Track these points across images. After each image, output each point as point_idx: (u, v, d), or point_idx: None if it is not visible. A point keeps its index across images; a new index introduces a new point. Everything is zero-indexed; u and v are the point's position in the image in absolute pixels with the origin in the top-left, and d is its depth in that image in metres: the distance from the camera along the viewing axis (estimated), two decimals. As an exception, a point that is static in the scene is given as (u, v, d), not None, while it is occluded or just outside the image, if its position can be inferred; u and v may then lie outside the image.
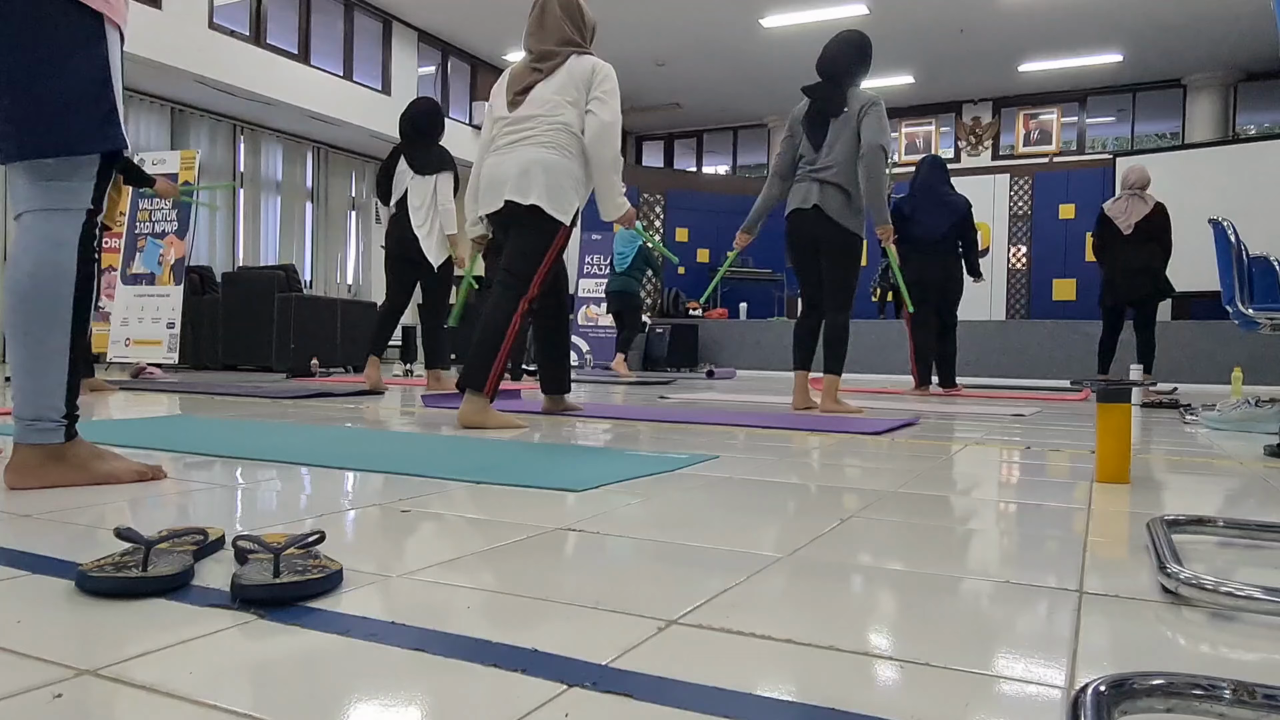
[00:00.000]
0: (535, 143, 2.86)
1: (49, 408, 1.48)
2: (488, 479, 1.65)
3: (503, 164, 2.91)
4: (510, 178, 2.86)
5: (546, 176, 2.84)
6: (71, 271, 1.47)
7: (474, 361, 2.78)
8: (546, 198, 2.83)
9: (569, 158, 2.88)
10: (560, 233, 2.88)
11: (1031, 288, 11.11)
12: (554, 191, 2.85)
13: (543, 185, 2.83)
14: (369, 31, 10.73)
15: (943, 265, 5.34)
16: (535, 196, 2.83)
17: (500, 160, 2.92)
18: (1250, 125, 12.14)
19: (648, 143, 15.81)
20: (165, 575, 0.87)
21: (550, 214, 2.84)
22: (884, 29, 10.65)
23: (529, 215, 2.86)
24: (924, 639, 0.79)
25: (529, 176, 2.84)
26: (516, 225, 2.90)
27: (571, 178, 2.88)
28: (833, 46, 3.94)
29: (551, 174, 2.84)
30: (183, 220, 7.39)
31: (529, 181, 2.84)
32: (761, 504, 1.47)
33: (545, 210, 2.84)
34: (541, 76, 2.93)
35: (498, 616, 0.83)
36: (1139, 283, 5.60)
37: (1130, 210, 5.60)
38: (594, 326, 10.06)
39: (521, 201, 2.84)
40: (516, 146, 2.89)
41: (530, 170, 2.84)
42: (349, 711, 0.61)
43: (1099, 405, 1.80)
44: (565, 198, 2.87)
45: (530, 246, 2.87)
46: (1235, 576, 0.97)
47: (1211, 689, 0.60)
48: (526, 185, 2.84)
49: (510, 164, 2.88)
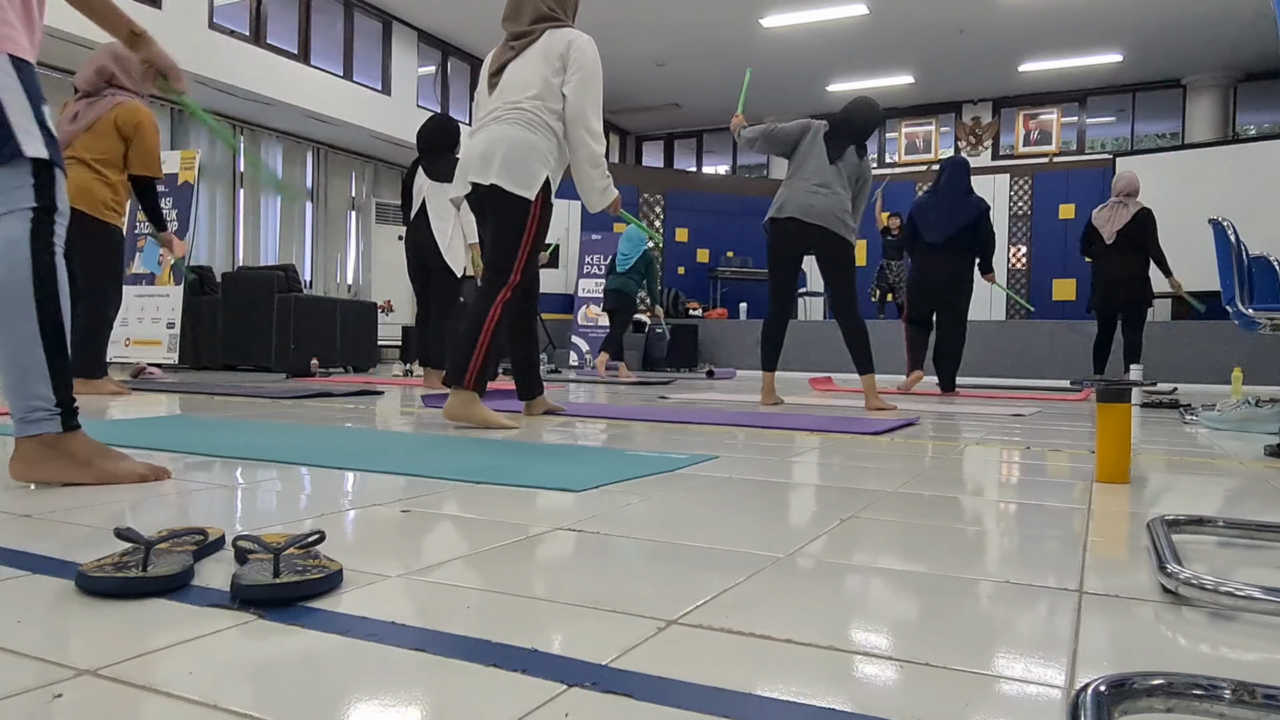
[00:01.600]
0: (501, 121, 2.82)
1: (38, 398, 1.51)
2: (487, 479, 1.65)
3: (471, 146, 2.89)
4: (474, 159, 2.83)
5: (506, 151, 2.77)
6: (26, 262, 1.50)
7: (456, 358, 2.75)
8: (505, 174, 2.77)
9: (535, 132, 2.81)
10: (530, 210, 2.80)
11: (1031, 288, 11.11)
12: (512, 166, 2.77)
13: (500, 161, 2.77)
14: (369, 31, 10.73)
15: (949, 267, 5.33)
16: (495, 174, 2.78)
17: (470, 143, 2.90)
18: (1250, 125, 12.14)
19: (648, 143, 15.81)
20: (165, 575, 0.87)
21: (511, 191, 2.77)
22: (884, 29, 10.66)
23: (493, 196, 2.81)
24: (924, 639, 0.79)
25: (489, 155, 2.80)
26: (490, 210, 2.85)
27: (535, 151, 2.80)
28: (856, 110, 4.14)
29: (512, 149, 2.78)
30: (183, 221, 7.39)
31: (490, 159, 2.79)
32: (761, 504, 1.47)
33: (505, 188, 2.77)
34: (514, 55, 2.89)
35: (498, 616, 0.83)
36: (1122, 290, 5.64)
37: (1114, 218, 5.64)
38: (594, 326, 10.06)
39: (483, 182, 2.80)
40: (485, 127, 2.86)
41: (492, 148, 2.79)
42: (349, 711, 0.61)
43: (1099, 405, 1.80)
44: (526, 170, 2.78)
45: (503, 232, 2.81)
46: (1235, 576, 0.97)
47: (1211, 689, 0.60)
48: (486, 165, 2.80)
49: (476, 145, 2.85)
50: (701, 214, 12.29)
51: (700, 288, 12.13)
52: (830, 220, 3.95)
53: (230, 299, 7.65)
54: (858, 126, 4.10)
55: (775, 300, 4.14)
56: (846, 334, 3.99)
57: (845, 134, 4.07)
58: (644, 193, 12.11)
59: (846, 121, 4.09)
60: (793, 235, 4.01)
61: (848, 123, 4.09)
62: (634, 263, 7.35)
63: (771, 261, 4.13)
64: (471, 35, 11.49)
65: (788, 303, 4.18)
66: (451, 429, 2.69)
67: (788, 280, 4.14)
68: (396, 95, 10.95)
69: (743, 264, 12.01)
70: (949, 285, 5.34)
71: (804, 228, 3.97)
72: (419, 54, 11.39)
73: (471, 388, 2.72)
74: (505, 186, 2.77)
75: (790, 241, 4.04)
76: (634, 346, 9.47)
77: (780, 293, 4.14)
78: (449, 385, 2.76)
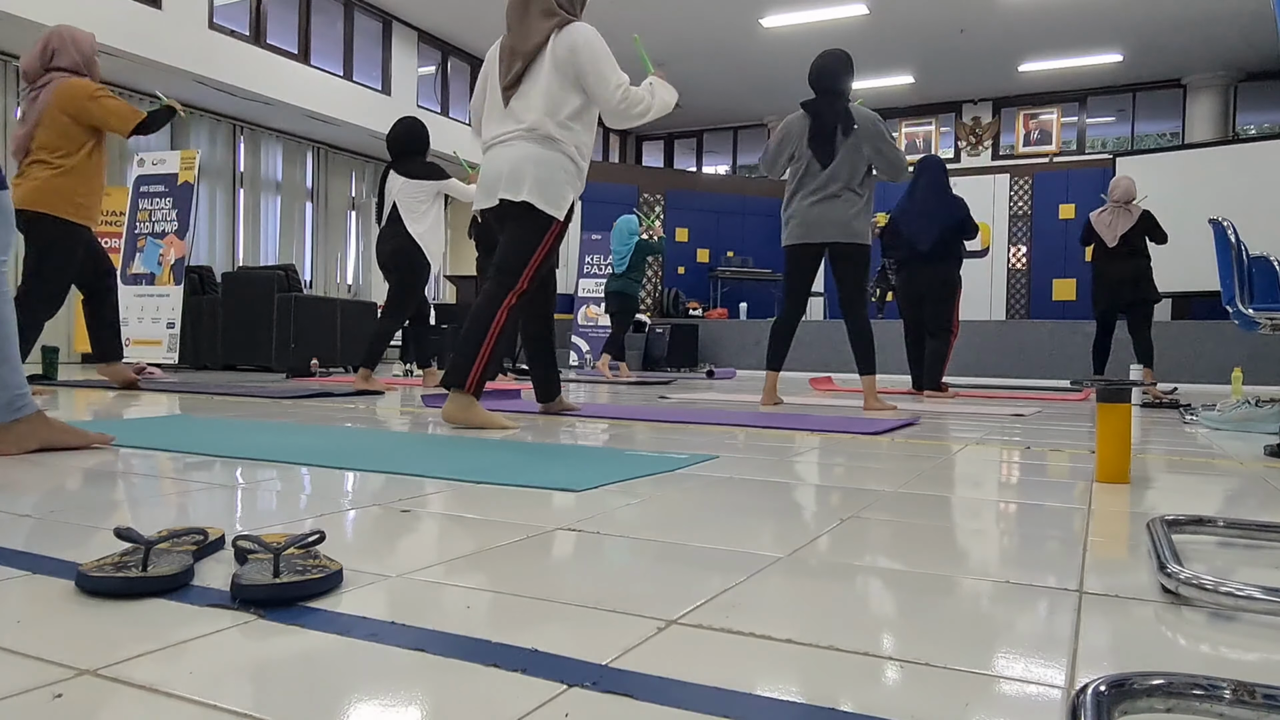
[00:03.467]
0: (525, 138, 2.85)
1: None
2: (487, 479, 1.65)
3: (495, 160, 2.91)
4: (503, 174, 2.86)
5: (537, 171, 2.82)
6: None
7: (457, 359, 2.76)
8: (538, 193, 2.82)
9: (560, 150, 2.85)
10: (552, 227, 2.87)
11: (1031, 288, 11.11)
12: (545, 186, 2.83)
13: (533, 180, 2.82)
14: (369, 31, 10.73)
15: (933, 271, 5.34)
16: (526, 192, 2.82)
17: (494, 156, 2.92)
18: (1250, 125, 12.14)
19: (648, 143, 15.82)
20: (165, 575, 0.87)
21: (542, 209, 2.83)
22: (884, 29, 10.66)
23: (519, 211, 2.85)
24: (924, 639, 0.79)
25: (520, 173, 2.83)
26: (511, 220, 2.89)
27: (564, 170, 2.86)
28: (824, 60, 4.07)
29: (542, 168, 2.83)
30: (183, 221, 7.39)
31: (520, 178, 2.83)
32: (761, 504, 1.47)
33: (537, 206, 2.83)
34: (527, 63, 2.87)
35: (497, 616, 0.83)
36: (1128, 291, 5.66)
37: (1116, 224, 5.66)
38: (594, 326, 10.06)
39: (514, 199, 2.84)
40: (510, 143, 2.88)
41: (521, 166, 2.83)
42: (349, 711, 0.61)
43: (1099, 405, 1.80)
44: (558, 191, 2.85)
45: (522, 240, 2.86)
46: (1235, 576, 0.97)
47: (1211, 689, 0.60)
48: (518, 182, 2.83)
49: (503, 160, 2.87)
50: (701, 214, 12.29)
51: (700, 288, 12.12)
52: (837, 232, 3.90)
53: (230, 299, 7.65)
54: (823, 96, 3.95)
55: (788, 300, 4.11)
56: (855, 332, 3.98)
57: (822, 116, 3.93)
58: (644, 193, 12.11)
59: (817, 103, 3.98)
60: (806, 254, 4.01)
61: (818, 104, 3.97)
62: (629, 259, 7.33)
63: (788, 270, 4.11)
64: (471, 35, 11.48)
65: (800, 305, 4.13)
66: (450, 429, 2.69)
67: (802, 285, 4.10)
68: (396, 95, 10.94)
69: (743, 264, 12.01)
70: (936, 292, 5.35)
71: (812, 247, 3.98)
72: (419, 54, 11.39)
73: (471, 391, 2.73)
74: (538, 205, 2.83)
75: (805, 259, 4.03)
76: (634, 346, 9.47)
77: (794, 295, 4.10)
78: (447, 386, 2.76)
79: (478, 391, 2.76)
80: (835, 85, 4.00)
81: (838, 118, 3.92)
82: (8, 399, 1.83)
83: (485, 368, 2.76)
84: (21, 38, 7.32)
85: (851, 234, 3.92)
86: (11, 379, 1.85)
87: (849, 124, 3.91)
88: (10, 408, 1.83)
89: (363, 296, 11.54)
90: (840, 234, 3.91)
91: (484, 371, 2.76)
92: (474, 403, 2.74)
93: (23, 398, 1.86)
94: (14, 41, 7.62)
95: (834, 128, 3.91)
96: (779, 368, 4.15)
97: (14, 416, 1.83)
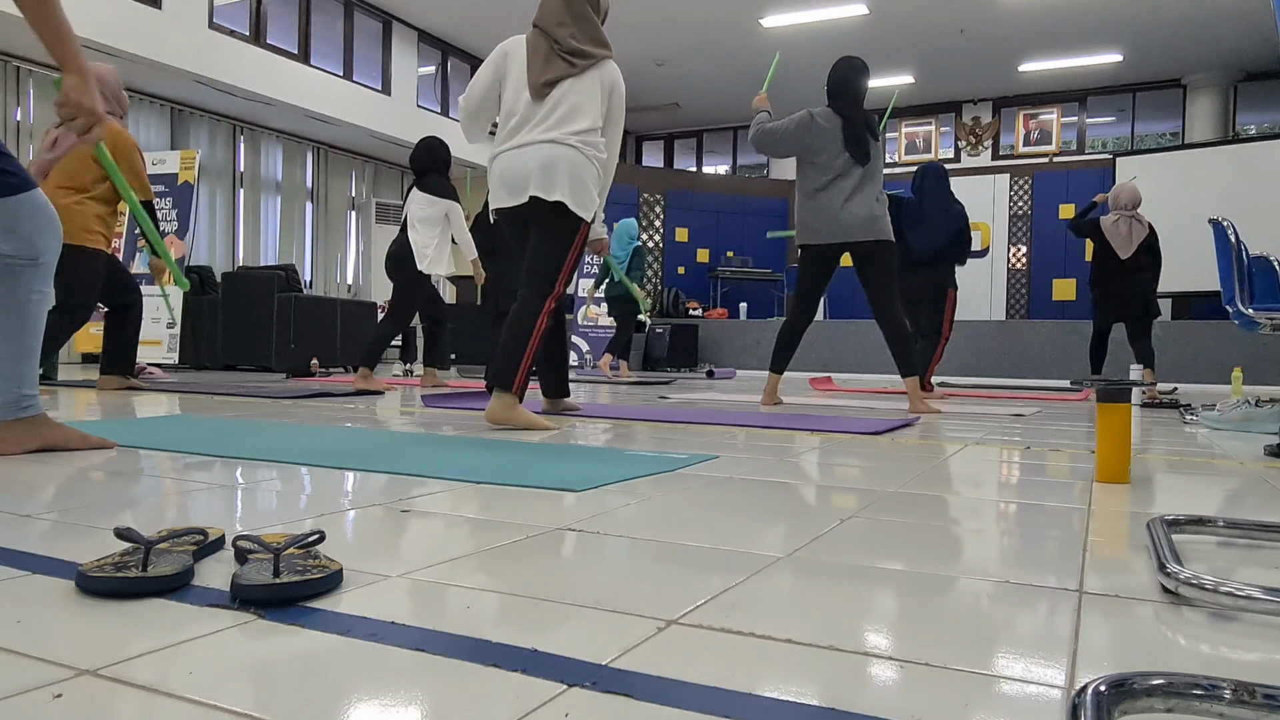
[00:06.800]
0: (560, 141, 2.82)
1: None
2: (488, 479, 1.65)
3: (523, 158, 2.84)
4: (533, 173, 2.82)
5: (571, 172, 2.81)
6: None
7: (502, 361, 2.78)
8: (570, 193, 2.81)
9: (591, 159, 2.86)
10: (581, 230, 2.87)
11: (1031, 288, 11.11)
12: (578, 187, 2.82)
13: (567, 181, 2.80)
14: (369, 31, 10.73)
15: (928, 275, 5.34)
16: (560, 193, 2.80)
17: (521, 154, 2.85)
18: (1250, 125, 12.13)
19: (648, 143, 15.81)
20: (165, 575, 0.87)
21: (574, 210, 2.82)
22: (884, 29, 10.66)
23: (551, 212, 2.83)
24: (924, 639, 0.79)
25: (553, 172, 2.80)
26: (538, 223, 2.86)
27: (593, 178, 2.88)
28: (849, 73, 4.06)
29: (575, 170, 2.82)
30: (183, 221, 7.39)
31: (553, 177, 2.80)
32: (761, 504, 1.47)
33: (569, 206, 2.81)
34: (574, 72, 2.87)
35: (498, 616, 0.83)
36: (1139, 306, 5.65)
37: (1131, 234, 5.62)
38: (594, 326, 10.06)
39: (546, 198, 2.81)
40: (541, 142, 2.83)
41: (555, 165, 2.80)
42: (349, 711, 0.61)
43: (1099, 405, 1.80)
44: (589, 194, 2.86)
45: (553, 244, 2.85)
46: (1235, 576, 0.97)
47: (1211, 689, 0.60)
48: (550, 181, 2.80)
49: (533, 159, 2.82)
50: (701, 214, 12.28)
51: (700, 288, 12.12)
52: (867, 231, 3.89)
53: (230, 299, 7.65)
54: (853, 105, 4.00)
55: (801, 302, 4.07)
56: (887, 335, 3.94)
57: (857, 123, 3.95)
58: (644, 193, 12.11)
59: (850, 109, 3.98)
60: (829, 254, 3.99)
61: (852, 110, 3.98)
62: (628, 263, 7.35)
63: (802, 272, 4.08)
64: (471, 35, 11.48)
65: (813, 307, 4.09)
66: (450, 429, 2.69)
67: (819, 286, 4.07)
68: (396, 95, 10.95)
69: (743, 264, 12.01)
70: (930, 296, 5.36)
71: (835, 247, 3.96)
72: (419, 54, 11.39)
73: (516, 393, 2.76)
74: (569, 205, 2.82)
75: (828, 260, 4.01)
76: (634, 347, 9.47)
77: (808, 297, 4.07)
78: (491, 389, 2.81)
79: (521, 393, 2.79)
80: (858, 94, 4.06)
81: (869, 122, 4.01)
82: (17, 396, 1.85)
83: (528, 369, 2.80)
84: (21, 38, 7.32)
85: (880, 232, 3.91)
86: (27, 376, 1.86)
87: (876, 129, 4.03)
88: (17, 405, 1.85)
89: (363, 296, 11.54)
90: (868, 232, 3.89)
91: (528, 374, 2.80)
92: (517, 404, 2.76)
93: (31, 398, 1.88)
94: (14, 41, 7.62)
95: (865, 130, 3.97)
96: (783, 370, 4.13)
97: (18, 415, 1.84)
